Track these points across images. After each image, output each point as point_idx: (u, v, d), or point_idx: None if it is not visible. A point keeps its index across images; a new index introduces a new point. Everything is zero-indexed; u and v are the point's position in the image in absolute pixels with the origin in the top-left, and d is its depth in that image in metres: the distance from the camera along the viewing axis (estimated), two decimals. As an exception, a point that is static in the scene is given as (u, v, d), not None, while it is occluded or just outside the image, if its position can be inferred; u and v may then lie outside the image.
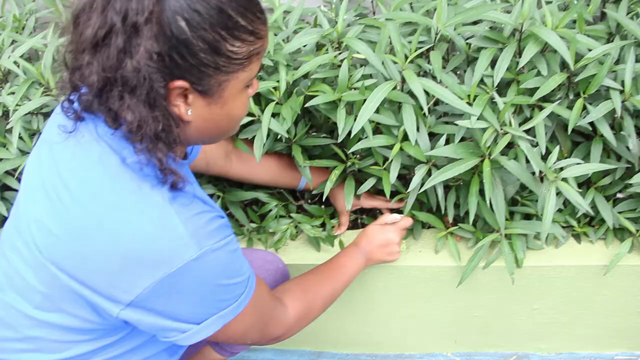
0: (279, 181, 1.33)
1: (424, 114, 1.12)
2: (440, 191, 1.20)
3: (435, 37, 1.17)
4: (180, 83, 0.71)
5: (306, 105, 1.15)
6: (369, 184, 1.25)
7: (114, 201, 0.74)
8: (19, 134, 1.27)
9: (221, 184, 1.38)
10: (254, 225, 1.37)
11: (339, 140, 1.14)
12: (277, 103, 1.18)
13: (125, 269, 0.73)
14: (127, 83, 0.68)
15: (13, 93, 1.27)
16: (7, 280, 0.84)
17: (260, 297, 0.90)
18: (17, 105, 1.24)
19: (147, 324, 0.79)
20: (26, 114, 1.25)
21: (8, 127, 1.28)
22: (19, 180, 1.35)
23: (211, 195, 1.35)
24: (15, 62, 1.29)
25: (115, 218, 0.73)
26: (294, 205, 1.40)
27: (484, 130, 1.09)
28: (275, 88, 1.18)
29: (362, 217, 1.41)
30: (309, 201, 1.42)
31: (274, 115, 1.17)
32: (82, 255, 0.75)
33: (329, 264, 1.14)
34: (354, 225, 1.40)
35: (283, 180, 1.33)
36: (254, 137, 1.19)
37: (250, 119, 1.18)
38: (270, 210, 1.36)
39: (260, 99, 1.21)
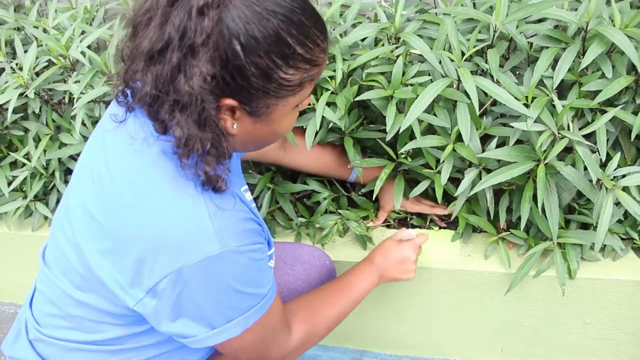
0: (331, 172, 1.33)
1: (480, 114, 1.09)
2: (489, 195, 1.15)
3: (494, 35, 1.13)
4: (229, 101, 0.71)
5: (358, 99, 1.14)
6: (421, 187, 1.22)
7: (149, 188, 0.75)
8: (82, 121, 1.33)
9: (270, 175, 1.39)
10: (302, 219, 1.37)
11: (387, 139, 1.12)
12: (332, 92, 1.17)
13: (150, 255, 0.74)
14: (178, 100, 0.69)
15: (79, 81, 1.33)
16: (54, 259, 0.88)
17: (272, 318, 0.86)
18: (81, 93, 1.30)
19: (160, 317, 0.79)
20: (89, 102, 1.31)
21: (73, 113, 1.34)
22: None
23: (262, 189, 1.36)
24: (82, 52, 1.35)
25: (147, 204, 0.75)
26: (344, 196, 1.40)
27: (540, 133, 1.04)
28: (331, 77, 1.18)
29: (412, 217, 1.39)
30: (359, 193, 1.41)
31: (328, 104, 1.16)
32: (115, 239, 0.77)
33: (339, 283, 1.08)
34: (403, 225, 1.38)
35: (335, 171, 1.33)
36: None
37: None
38: (319, 203, 1.36)
39: (315, 88, 1.20)
